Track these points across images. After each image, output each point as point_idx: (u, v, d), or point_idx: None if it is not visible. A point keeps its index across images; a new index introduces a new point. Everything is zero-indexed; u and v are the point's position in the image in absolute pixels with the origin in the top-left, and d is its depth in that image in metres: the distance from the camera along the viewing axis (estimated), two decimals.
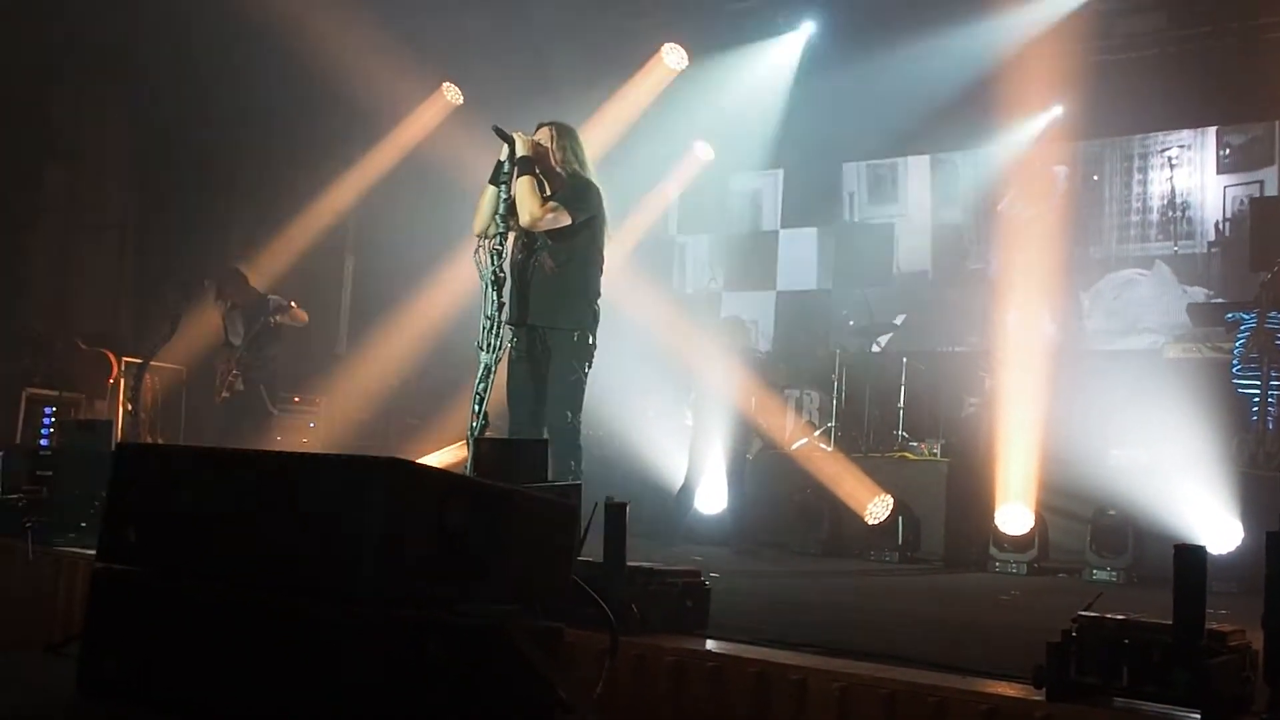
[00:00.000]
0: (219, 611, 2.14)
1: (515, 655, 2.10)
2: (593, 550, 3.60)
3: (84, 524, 6.14)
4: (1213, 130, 10.21)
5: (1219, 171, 10.13)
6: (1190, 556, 2.80)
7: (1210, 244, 10.00)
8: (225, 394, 9.83)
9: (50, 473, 6.30)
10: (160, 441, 10.04)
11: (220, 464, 2.30)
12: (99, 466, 6.15)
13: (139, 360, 10.62)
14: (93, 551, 4.24)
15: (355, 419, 10.94)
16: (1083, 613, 2.94)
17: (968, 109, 10.26)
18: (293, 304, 9.96)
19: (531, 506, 2.35)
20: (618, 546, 3.73)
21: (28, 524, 6.00)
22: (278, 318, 9.84)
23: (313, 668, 1.97)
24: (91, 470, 6.22)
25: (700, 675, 3.49)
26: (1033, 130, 10.60)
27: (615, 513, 3.75)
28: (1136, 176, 10.69)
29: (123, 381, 10.62)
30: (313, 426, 10.81)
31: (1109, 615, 2.91)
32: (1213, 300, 9.33)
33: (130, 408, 10.55)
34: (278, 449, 9.20)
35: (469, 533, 2.11)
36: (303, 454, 2.25)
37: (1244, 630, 2.91)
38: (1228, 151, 10.11)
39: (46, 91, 10.19)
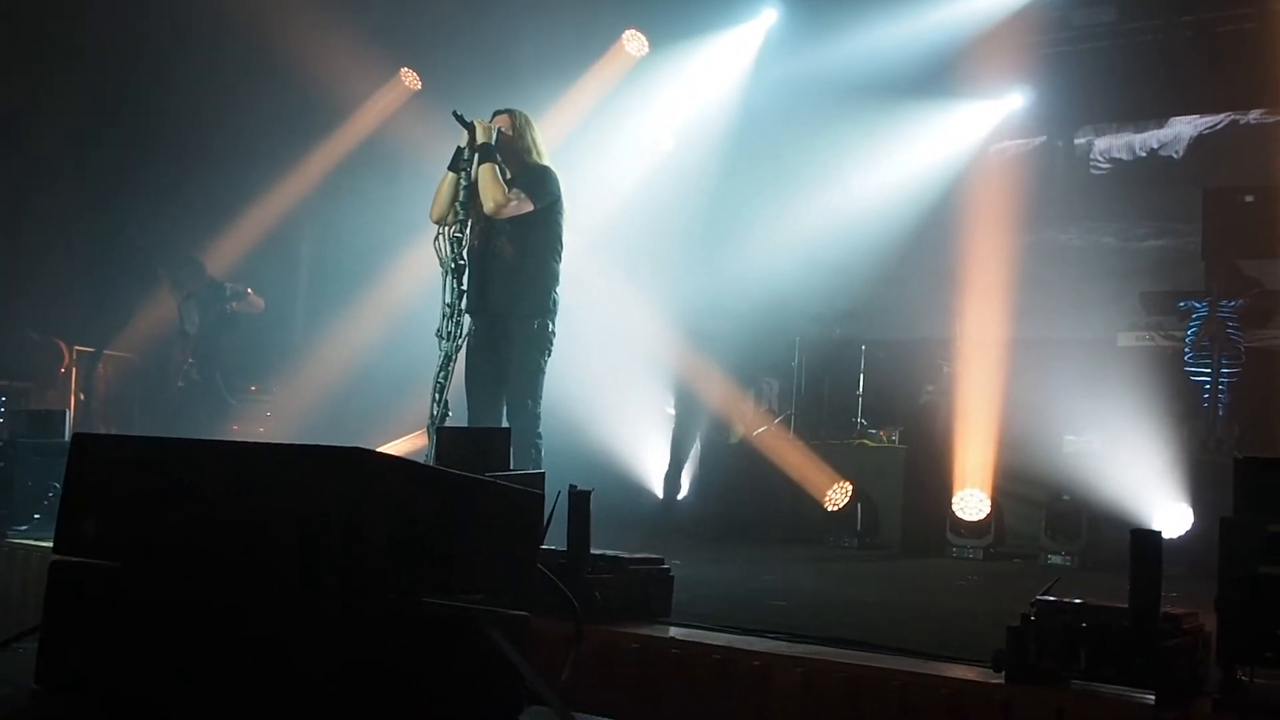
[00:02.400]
0: (179, 604, 2.12)
1: (483, 645, 2.10)
2: (556, 539, 3.60)
3: (38, 515, 6.09)
4: (1169, 120, 10.31)
5: (1173, 161, 10.25)
6: (1146, 541, 2.85)
7: (1163, 232, 10.11)
8: (180, 383, 9.76)
9: (2, 464, 6.23)
10: (113, 431, 9.93)
11: (179, 454, 2.28)
12: (53, 457, 6.16)
13: (92, 349, 10.51)
14: (48, 544, 4.22)
15: (313, 408, 10.85)
16: (1040, 597, 2.98)
17: (927, 97, 10.31)
18: (249, 291, 9.89)
19: (496, 495, 2.34)
20: (581, 534, 3.74)
21: None
22: (234, 305, 9.77)
23: (275, 660, 1.96)
24: (45, 461, 6.17)
25: (664, 662, 3.51)
26: (992, 118, 10.67)
27: (579, 501, 3.76)
28: (1093, 165, 10.78)
29: (75, 370, 10.50)
30: (269, 415, 10.73)
31: (1066, 599, 2.95)
32: (1165, 290, 9.42)
33: (83, 397, 10.44)
34: (234, 438, 9.18)
35: (433, 522, 2.11)
36: (263, 444, 2.23)
37: (1197, 613, 2.96)
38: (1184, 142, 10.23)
39: None
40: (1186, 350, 8.33)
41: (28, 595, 5.43)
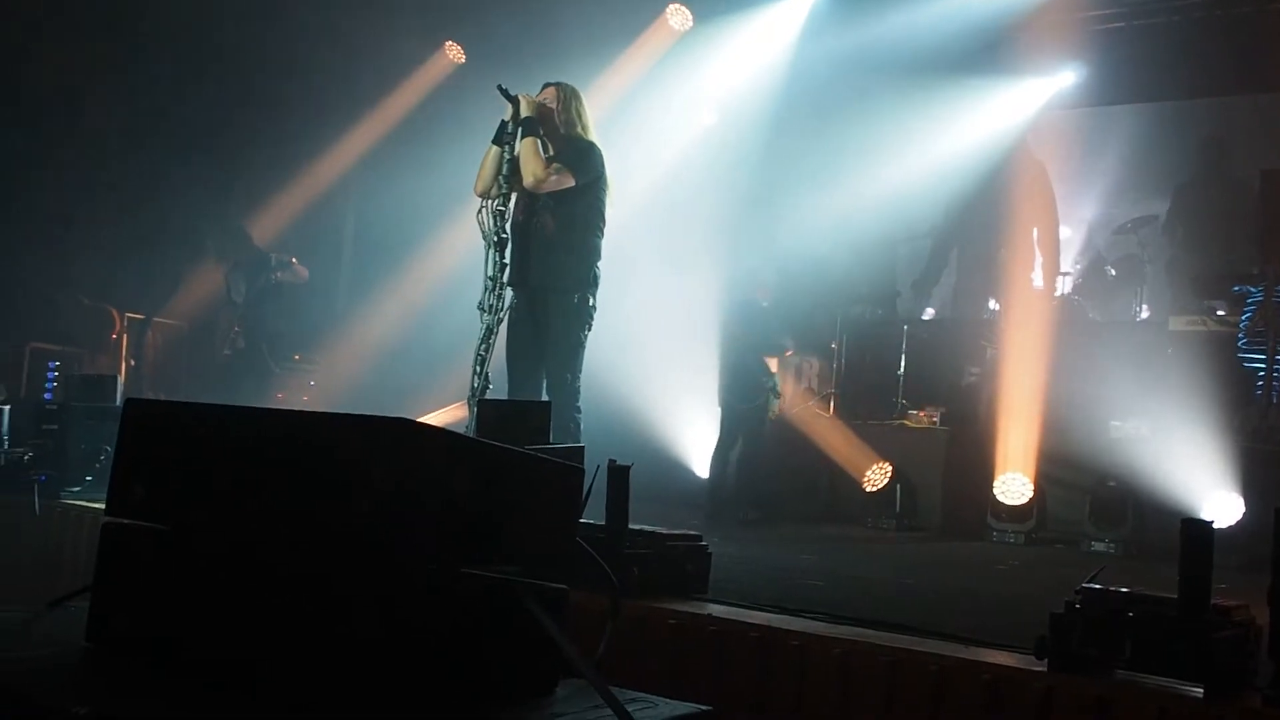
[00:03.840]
0: (228, 568, 2.14)
1: (521, 617, 2.09)
2: (594, 513, 3.59)
3: (90, 478, 6.22)
4: (1227, 99, 10.13)
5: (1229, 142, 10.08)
6: (1197, 530, 2.80)
7: (1219, 215, 9.93)
8: (227, 351, 9.85)
9: (55, 427, 6.35)
10: (162, 397, 10.04)
11: (228, 421, 2.29)
12: (105, 421, 6.28)
13: (141, 316, 10.63)
14: (100, 505, 4.28)
15: (355, 378, 10.93)
16: (1086, 584, 2.94)
17: (976, 72, 10.18)
18: (294, 261, 9.95)
19: (536, 468, 2.33)
20: (620, 509, 3.73)
21: (35, 477, 6.04)
22: (279, 275, 9.83)
23: (315, 626, 1.97)
24: (97, 424, 6.30)
25: (701, 638, 3.50)
26: (1042, 95, 10.53)
27: (618, 475, 3.75)
28: (1147, 145, 10.62)
29: (125, 337, 10.62)
30: (313, 385, 10.81)
31: (1112, 587, 2.91)
32: (1220, 273, 9.27)
33: (133, 363, 10.56)
34: (279, 406, 9.25)
35: (473, 494, 2.10)
36: (311, 413, 2.24)
37: (1248, 605, 2.91)
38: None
39: (44, 48, 10.10)
40: (1240, 335, 8.19)
41: (80, 555, 5.51)
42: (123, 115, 10.66)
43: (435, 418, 8.93)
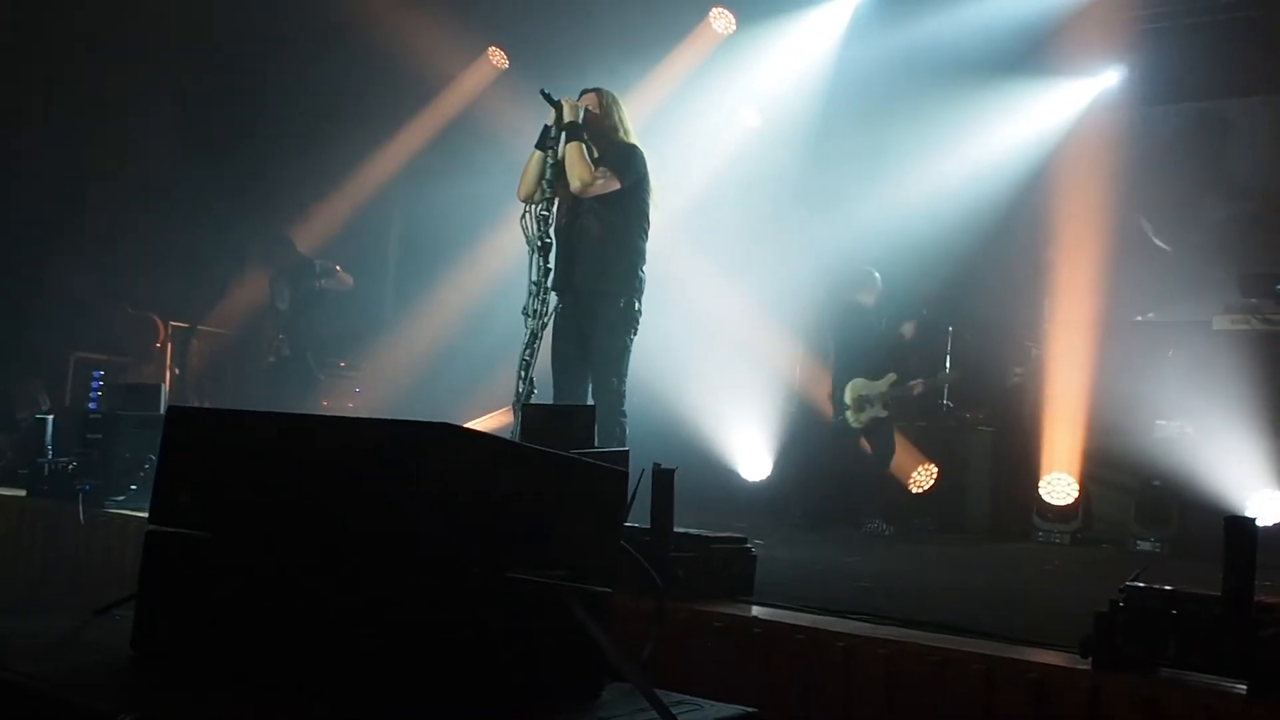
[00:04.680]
0: (273, 576, 2.15)
1: (567, 620, 2.11)
2: (639, 517, 3.61)
3: (134, 486, 6.23)
4: (1273, 99, 10.03)
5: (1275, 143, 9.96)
6: (1241, 528, 2.78)
7: (1263, 212, 9.83)
8: (271, 358, 9.93)
9: (100, 436, 6.37)
10: (207, 405, 10.15)
11: (272, 428, 2.31)
12: (149, 429, 6.31)
13: (186, 324, 10.73)
14: (144, 514, 4.32)
15: (400, 384, 11.00)
16: (1130, 583, 2.93)
17: (1019, 74, 10.12)
18: (338, 268, 10.02)
19: (581, 472, 2.35)
20: (665, 512, 3.75)
21: (79, 487, 6.07)
22: (323, 282, 9.90)
23: (361, 632, 1.99)
24: (141, 433, 6.32)
25: (747, 641, 3.51)
26: (1087, 95, 10.45)
27: (663, 478, 3.77)
28: (1191, 144, 10.52)
29: (170, 345, 10.73)
30: (358, 391, 10.89)
31: (1156, 586, 2.90)
32: (1264, 271, 9.17)
33: (178, 371, 10.66)
34: (324, 413, 9.31)
35: (519, 498, 2.13)
36: (356, 418, 2.26)
37: None
38: None
39: (94, 57, 10.24)
40: None
41: (125, 564, 5.56)
42: (168, 125, 10.80)
43: (480, 423, 8.99)
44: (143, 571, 2.32)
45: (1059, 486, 7.96)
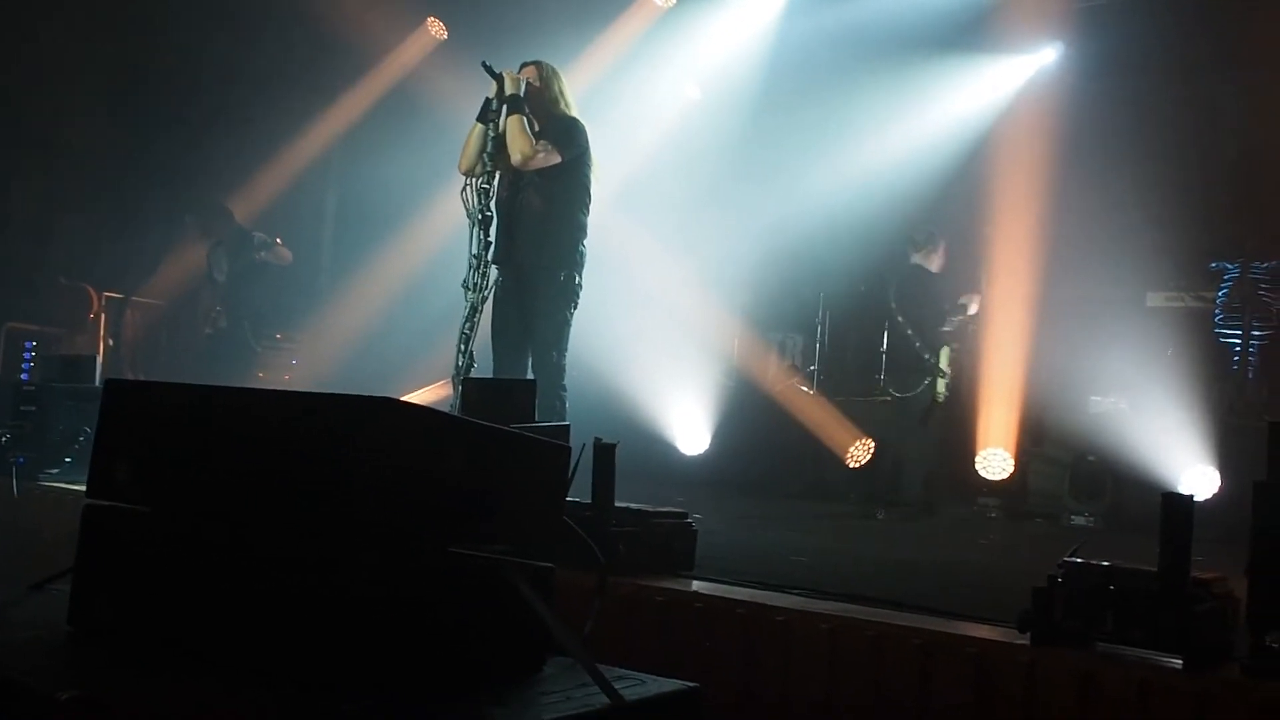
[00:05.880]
0: (211, 548, 2.13)
1: (509, 595, 2.10)
2: (580, 491, 3.60)
3: (69, 459, 6.15)
4: (1206, 76, 10.15)
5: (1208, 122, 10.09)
6: (1178, 505, 2.82)
7: (1196, 192, 9.96)
8: (208, 330, 9.81)
9: (34, 408, 6.27)
10: (141, 377, 10.00)
11: (210, 401, 2.28)
12: (84, 402, 6.21)
13: (120, 295, 10.55)
14: (79, 487, 4.26)
15: (338, 357, 10.89)
16: (1067, 559, 2.96)
17: (957, 51, 10.18)
18: (278, 241, 9.90)
19: (522, 447, 2.34)
20: (606, 487, 3.74)
21: (13, 460, 5.99)
22: (262, 255, 9.78)
23: (300, 606, 1.97)
24: (76, 406, 6.23)
25: (687, 615, 3.51)
26: (1024, 73, 10.53)
27: (604, 453, 3.76)
28: (1125, 123, 10.62)
29: (104, 316, 10.55)
30: (295, 364, 10.77)
31: (1094, 561, 2.93)
32: (1197, 248, 9.30)
33: (112, 343, 10.49)
34: (260, 386, 9.22)
35: (459, 473, 2.11)
36: (292, 392, 2.24)
37: (1226, 578, 2.94)
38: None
39: (20, 25, 10.00)
40: (1217, 312, 8.26)
41: (60, 538, 5.47)
42: (100, 92, 10.58)
43: (419, 396, 8.93)
44: (80, 546, 2.29)
45: (995, 461, 8.05)
